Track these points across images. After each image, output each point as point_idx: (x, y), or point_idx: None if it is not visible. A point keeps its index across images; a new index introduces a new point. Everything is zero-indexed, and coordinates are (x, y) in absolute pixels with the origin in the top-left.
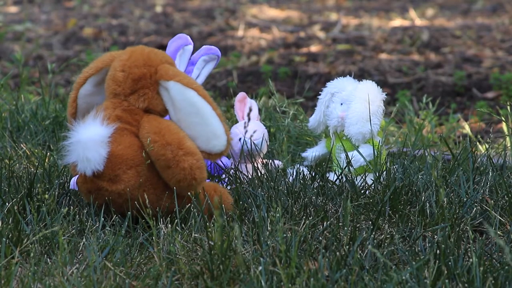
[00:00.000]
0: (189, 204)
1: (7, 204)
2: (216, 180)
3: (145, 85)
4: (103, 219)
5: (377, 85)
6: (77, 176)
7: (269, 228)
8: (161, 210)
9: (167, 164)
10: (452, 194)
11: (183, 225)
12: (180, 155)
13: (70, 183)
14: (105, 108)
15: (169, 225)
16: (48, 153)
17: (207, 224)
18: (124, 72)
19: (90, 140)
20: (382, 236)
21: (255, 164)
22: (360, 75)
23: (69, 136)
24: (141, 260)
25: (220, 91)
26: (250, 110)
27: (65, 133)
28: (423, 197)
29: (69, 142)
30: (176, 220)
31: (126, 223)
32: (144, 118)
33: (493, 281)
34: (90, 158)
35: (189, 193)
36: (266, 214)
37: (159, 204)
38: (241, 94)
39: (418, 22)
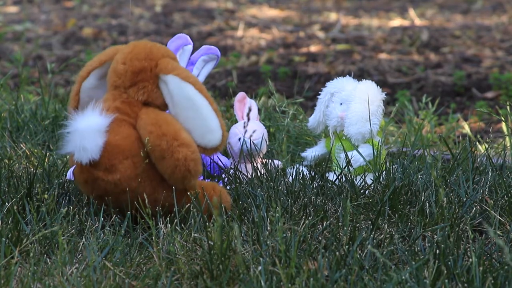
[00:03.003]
0: (189, 204)
1: (6, 204)
2: (216, 180)
3: (145, 78)
4: (102, 219)
5: (377, 85)
6: (74, 166)
7: (268, 228)
8: (160, 208)
9: (162, 154)
10: (451, 194)
11: (182, 225)
12: (175, 146)
13: (67, 173)
14: (105, 100)
15: (169, 225)
16: (48, 153)
17: (207, 224)
18: (125, 64)
19: (87, 129)
20: (382, 236)
21: (255, 164)
22: (360, 75)
23: (67, 125)
24: (141, 260)
25: (219, 91)
26: (250, 110)
27: (64, 122)
28: (423, 197)
29: (66, 131)
30: (175, 220)
31: (126, 223)
32: (143, 110)
33: (492, 281)
34: (87, 147)
35: (188, 193)
36: (265, 214)
37: (155, 197)
38: (241, 94)
39: (418, 22)
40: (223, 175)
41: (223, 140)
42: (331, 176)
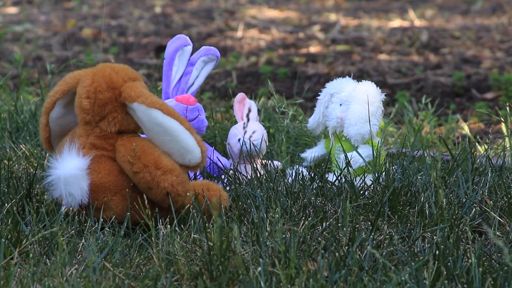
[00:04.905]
0: (188, 205)
1: (6, 204)
2: (215, 181)
3: (113, 109)
4: (102, 219)
5: (376, 86)
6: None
7: (268, 229)
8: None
9: (148, 186)
10: (451, 195)
11: (182, 225)
12: (159, 176)
13: (61, 208)
14: (79, 136)
15: (168, 226)
16: (47, 154)
17: (206, 224)
18: (89, 99)
19: (69, 175)
20: (381, 237)
21: (254, 165)
22: (359, 76)
23: (49, 173)
24: (140, 261)
25: (219, 92)
26: (249, 110)
27: (44, 172)
28: (422, 198)
29: (49, 179)
30: (175, 221)
31: (125, 224)
32: (119, 141)
33: (492, 282)
34: (73, 193)
35: (188, 194)
36: (265, 215)
37: (154, 215)
38: (240, 95)
39: (417, 22)
40: (223, 176)
41: (203, 157)
42: (331, 177)
